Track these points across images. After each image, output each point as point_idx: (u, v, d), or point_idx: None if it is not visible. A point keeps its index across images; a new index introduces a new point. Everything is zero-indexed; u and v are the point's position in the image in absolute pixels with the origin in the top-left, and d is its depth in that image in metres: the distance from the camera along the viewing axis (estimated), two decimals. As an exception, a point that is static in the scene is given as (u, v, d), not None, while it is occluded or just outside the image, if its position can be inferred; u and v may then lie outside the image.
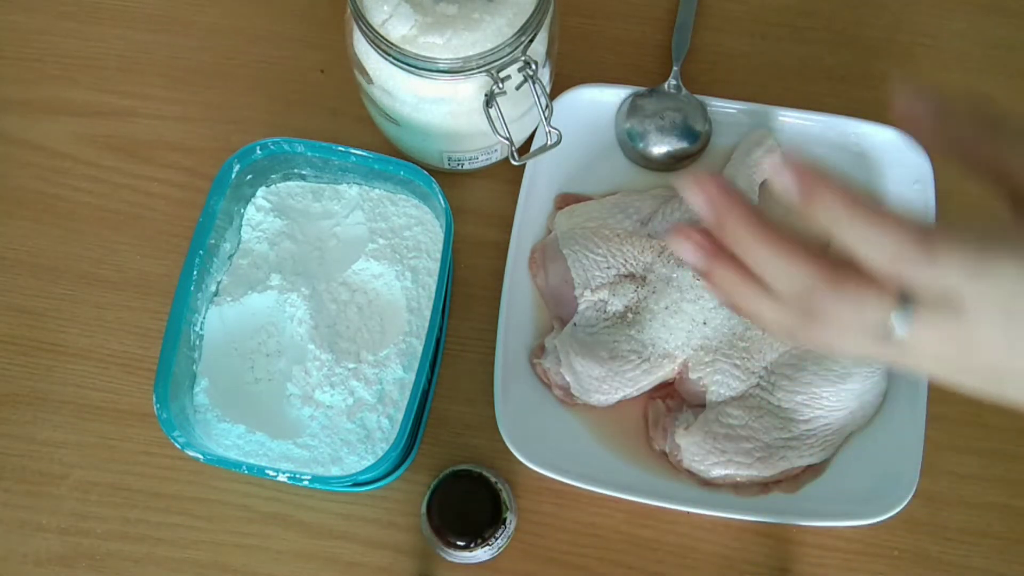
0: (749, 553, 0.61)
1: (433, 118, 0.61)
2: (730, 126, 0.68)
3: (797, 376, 0.60)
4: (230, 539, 0.62)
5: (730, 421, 0.60)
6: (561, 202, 0.67)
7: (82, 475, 0.64)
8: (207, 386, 0.59)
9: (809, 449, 0.60)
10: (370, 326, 0.62)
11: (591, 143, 0.68)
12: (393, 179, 0.62)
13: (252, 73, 0.74)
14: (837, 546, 0.61)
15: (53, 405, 0.65)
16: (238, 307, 0.62)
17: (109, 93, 0.73)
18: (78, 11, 0.75)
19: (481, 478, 0.55)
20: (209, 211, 0.59)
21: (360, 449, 0.58)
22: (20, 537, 0.62)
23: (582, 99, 0.68)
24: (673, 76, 0.69)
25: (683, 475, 0.61)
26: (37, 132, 0.72)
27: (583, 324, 0.63)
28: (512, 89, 0.58)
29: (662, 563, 0.61)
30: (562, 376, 0.61)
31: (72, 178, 0.71)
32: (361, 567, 0.61)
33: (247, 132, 0.71)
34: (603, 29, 0.74)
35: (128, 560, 0.62)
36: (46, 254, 0.69)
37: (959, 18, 0.74)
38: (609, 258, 0.63)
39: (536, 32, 0.57)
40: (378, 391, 0.60)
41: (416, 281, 0.62)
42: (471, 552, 0.54)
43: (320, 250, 0.65)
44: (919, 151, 0.65)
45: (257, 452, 0.58)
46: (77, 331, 0.67)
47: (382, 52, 0.56)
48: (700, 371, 0.61)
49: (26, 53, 0.74)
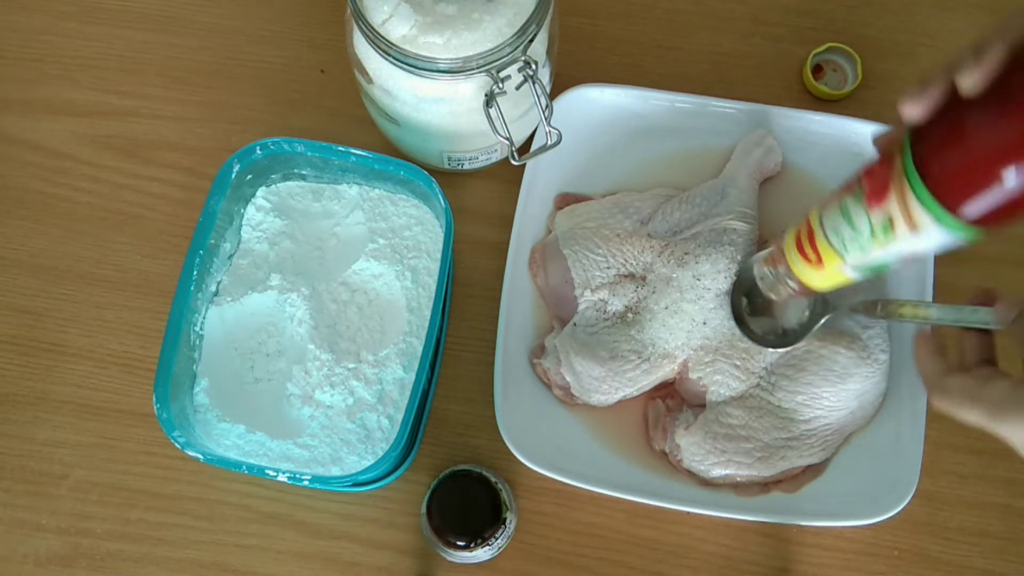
0: (749, 553, 0.61)
1: (433, 118, 0.61)
2: (730, 126, 0.68)
3: (797, 376, 0.60)
4: (230, 539, 0.62)
5: (730, 421, 0.60)
6: (561, 202, 0.67)
7: (82, 475, 0.64)
8: (207, 386, 0.59)
9: (809, 449, 0.60)
10: (370, 326, 0.62)
11: (591, 143, 0.68)
12: (393, 179, 0.62)
13: (252, 73, 0.74)
14: (837, 546, 0.61)
15: (53, 405, 0.65)
16: (238, 307, 0.62)
17: (109, 93, 0.73)
18: (78, 11, 0.75)
19: (481, 478, 0.55)
20: (209, 211, 0.59)
21: (360, 449, 0.58)
22: (20, 537, 0.62)
23: (582, 99, 0.67)
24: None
25: (683, 475, 0.61)
26: (37, 132, 0.72)
27: (583, 324, 0.63)
28: (512, 89, 0.58)
29: (662, 563, 0.61)
30: (562, 376, 0.61)
31: (72, 178, 0.71)
32: (361, 567, 0.61)
33: (247, 132, 0.71)
34: (603, 29, 0.74)
35: (128, 560, 0.62)
36: (46, 254, 0.69)
37: (959, 18, 0.74)
38: (609, 258, 0.63)
39: (536, 32, 0.57)
40: (378, 391, 0.60)
41: (416, 281, 0.62)
42: (471, 552, 0.54)
43: (320, 250, 0.65)
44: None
45: (257, 452, 0.58)
46: (77, 331, 0.67)
47: (382, 52, 0.56)
48: (700, 371, 0.61)
49: (26, 53, 0.74)
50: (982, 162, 0.38)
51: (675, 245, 0.63)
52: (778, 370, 0.61)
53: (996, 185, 0.38)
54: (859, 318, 0.61)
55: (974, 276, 0.66)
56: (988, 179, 0.38)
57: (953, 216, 0.40)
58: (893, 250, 0.44)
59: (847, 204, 0.46)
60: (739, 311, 0.61)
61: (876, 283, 0.63)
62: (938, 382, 0.46)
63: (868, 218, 0.44)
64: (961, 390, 0.45)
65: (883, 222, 0.43)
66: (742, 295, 0.61)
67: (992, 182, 0.38)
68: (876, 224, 0.44)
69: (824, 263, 0.49)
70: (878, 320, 0.62)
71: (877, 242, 0.44)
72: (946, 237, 0.41)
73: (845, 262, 0.48)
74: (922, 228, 0.41)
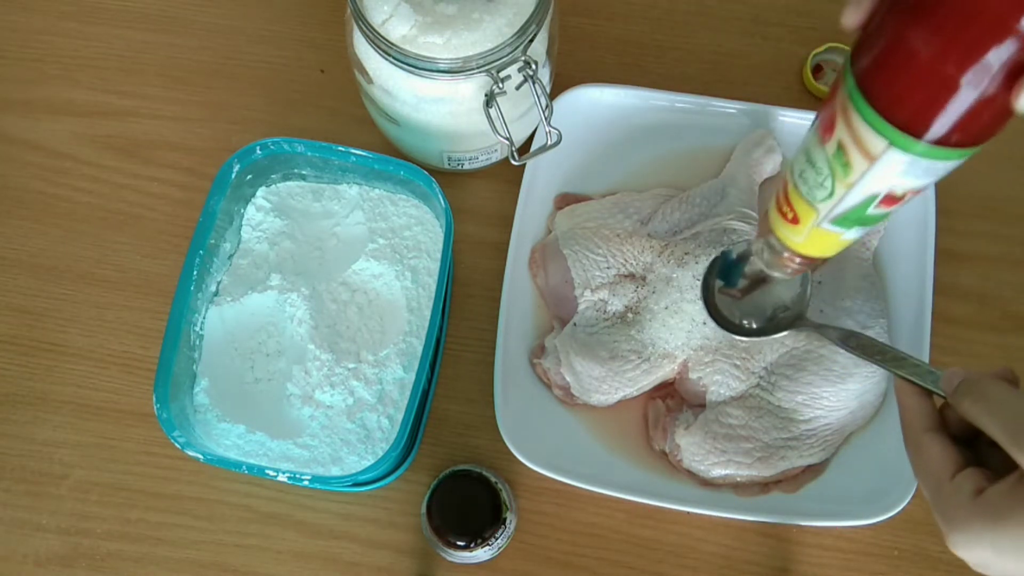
0: (749, 553, 0.61)
1: (433, 118, 0.61)
2: (730, 126, 0.68)
3: (797, 376, 0.60)
4: (230, 539, 0.62)
5: (730, 421, 0.60)
6: (561, 202, 0.67)
7: (82, 475, 0.64)
8: (207, 386, 0.59)
9: (809, 449, 0.60)
10: (370, 326, 0.62)
11: (591, 143, 0.68)
12: (393, 179, 0.62)
13: (252, 73, 0.74)
14: (837, 546, 0.61)
15: (53, 405, 0.65)
16: (238, 307, 0.62)
17: (109, 93, 0.73)
18: (78, 11, 0.75)
19: (481, 478, 0.55)
20: (209, 211, 0.59)
21: (360, 449, 0.58)
22: (20, 537, 0.62)
23: (582, 99, 0.68)
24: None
25: (683, 475, 0.61)
26: (37, 132, 0.72)
27: (583, 324, 0.63)
28: (512, 89, 0.58)
29: (662, 563, 0.61)
30: (562, 376, 0.61)
31: (72, 178, 0.71)
32: (361, 567, 0.61)
33: (247, 132, 0.71)
34: (603, 29, 0.74)
35: (128, 560, 0.62)
36: (46, 254, 0.69)
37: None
38: (609, 258, 0.63)
39: (536, 32, 0.57)
40: (378, 391, 0.60)
41: (416, 281, 0.62)
42: (471, 552, 0.54)
43: (320, 250, 0.65)
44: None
45: (257, 452, 0.58)
46: (77, 331, 0.67)
47: (382, 52, 0.56)
48: (700, 371, 0.61)
49: (26, 53, 0.74)
50: (919, 66, 0.34)
51: (675, 245, 0.63)
52: (778, 370, 0.61)
53: (939, 90, 0.34)
54: (859, 317, 0.61)
55: (974, 276, 0.67)
56: (928, 84, 0.34)
57: (903, 133, 0.36)
58: (859, 189, 0.40)
59: (807, 144, 0.41)
60: (711, 294, 0.58)
61: (876, 283, 0.64)
62: (915, 435, 0.44)
63: (824, 153, 0.40)
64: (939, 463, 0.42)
65: (836, 153, 0.39)
66: (717, 278, 0.58)
67: (933, 87, 0.34)
68: (831, 157, 0.39)
69: (800, 219, 0.44)
70: (877, 320, 0.62)
71: (839, 180, 0.40)
72: (905, 161, 0.37)
73: (818, 214, 0.43)
74: (875, 153, 0.37)
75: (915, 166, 0.37)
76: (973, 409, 0.41)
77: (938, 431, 0.43)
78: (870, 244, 0.65)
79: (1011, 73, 0.33)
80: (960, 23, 0.33)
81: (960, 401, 0.42)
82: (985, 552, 0.39)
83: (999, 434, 0.39)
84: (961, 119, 0.35)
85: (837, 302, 0.62)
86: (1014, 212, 0.68)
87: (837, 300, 0.62)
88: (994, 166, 0.69)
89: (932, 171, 0.38)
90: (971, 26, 0.32)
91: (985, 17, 0.32)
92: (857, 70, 0.37)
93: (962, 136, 0.35)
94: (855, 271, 0.63)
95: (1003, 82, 0.33)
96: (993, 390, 0.40)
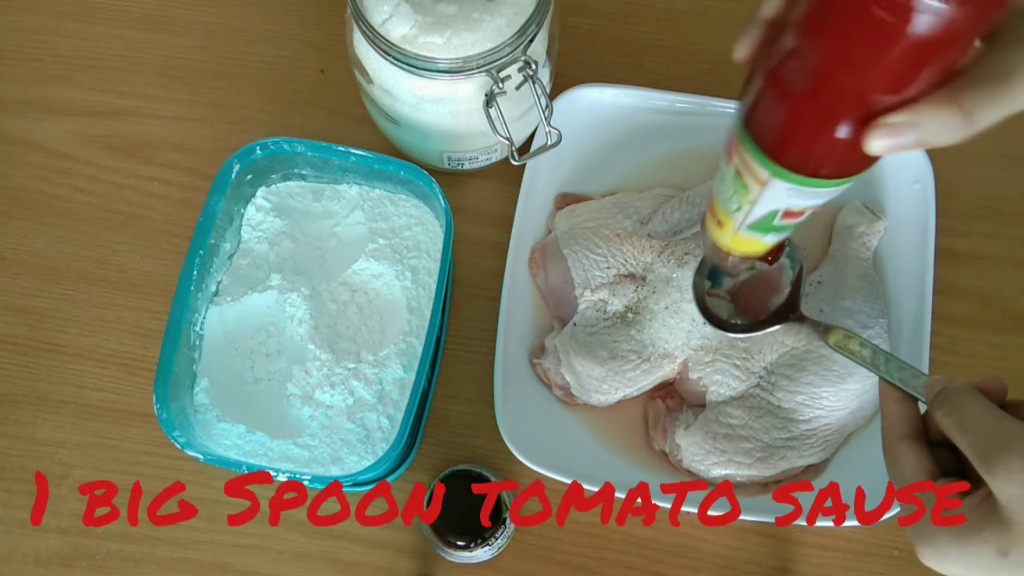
0: (749, 553, 0.61)
1: (433, 118, 0.61)
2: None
3: (797, 376, 0.60)
4: (230, 539, 0.62)
5: (730, 421, 0.60)
6: (561, 202, 0.67)
7: (82, 475, 0.64)
8: (207, 386, 0.59)
9: (809, 449, 0.60)
10: (370, 326, 0.62)
11: (591, 143, 0.68)
12: (393, 179, 0.62)
13: (252, 73, 0.74)
14: (837, 546, 0.61)
15: (53, 405, 0.65)
16: (238, 307, 0.62)
17: (109, 93, 0.73)
18: (78, 11, 0.75)
19: (481, 478, 0.55)
20: (209, 211, 0.59)
21: (360, 449, 0.58)
22: (20, 537, 0.62)
23: (582, 99, 0.68)
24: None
25: (683, 475, 0.61)
26: (37, 132, 0.72)
27: (583, 324, 0.63)
28: (512, 89, 0.58)
29: (662, 563, 0.61)
30: (562, 376, 0.61)
31: (72, 178, 0.71)
32: (361, 567, 0.61)
33: (247, 132, 0.71)
34: (603, 29, 0.74)
35: (128, 560, 0.62)
36: (46, 254, 0.69)
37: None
38: (609, 258, 0.63)
39: (536, 32, 0.57)
40: (378, 391, 0.60)
41: (416, 281, 0.62)
42: (471, 552, 0.54)
43: (320, 250, 0.65)
44: (919, 151, 0.65)
45: (257, 452, 0.58)
46: (77, 331, 0.67)
47: (382, 52, 0.56)
48: (700, 371, 0.61)
49: (26, 53, 0.74)
50: (785, 112, 0.36)
51: (675, 245, 0.63)
52: (778, 370, 0.61)
53: (804, 135, 0.36)
54: (859, 317, 0.61)
55: (974, 276, 0.67)
56: (795, 129, 0.36)
57: (780, 166, 0.38)
58: (760, 206, 0.42)
59: (719, 163, 0.43)
60: (700, 291, 0.58)
61: (876, 283, 0.64)
62: (891, 443, 0.43)
63: (729, 173, 0.42)
64: (912, 473, 0.42)
65: (734, 175, 0.41)
66: (705, 277, 0.59)
67: (800, 132, 0.36)
68: (733, 178, 0.42)
69: (723, 224, 0.47)
70: (877, 320, 0.62)
71: (743, 197, 0.42)
72: (788, 188, 0.39)
73: (735, 222, 0.45)
74: (763, 180, 0.39)
75: (799, 192, 0.39)
76: (945, 422, 0.41)
77: (916, 439, 0.43)
78: (870, 244, 0.65)
79: (860, 121, 0.35)
80: (812, 90, 0.35)
81: (935, 412, 0.42)
82: (955, 567, 0.39)
83: (968, 451, 0.39)
84: (827, 158, 0.37)
85: (837, 302, 0.62)
86: (1014, 212, 0.68)
87: (837, 300, 0.62)
88: (994, 166, 0.69)
89: (818, 195, 0.40)
90: (822, 94, 0.35)
91: (833, 87, 0.35)
92: (743, 106, 0.40)
93: (832, 171, 0.38)
94: (855, 271, 0.63)
95: (855, 129, 0.35)
96: (969, 405, 0.40)
